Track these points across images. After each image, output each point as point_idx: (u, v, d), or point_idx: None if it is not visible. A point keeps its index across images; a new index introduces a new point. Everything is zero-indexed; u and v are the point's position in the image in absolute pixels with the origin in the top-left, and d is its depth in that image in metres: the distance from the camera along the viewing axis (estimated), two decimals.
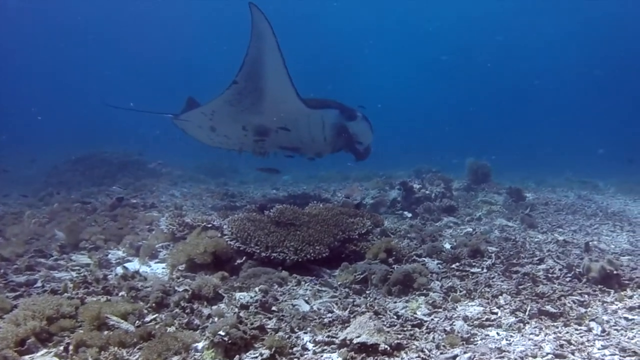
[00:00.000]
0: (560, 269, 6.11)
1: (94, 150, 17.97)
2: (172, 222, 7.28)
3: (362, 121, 10.65)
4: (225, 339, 3.71)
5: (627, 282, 5.64)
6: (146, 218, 8.94)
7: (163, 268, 6.19)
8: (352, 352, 3.74)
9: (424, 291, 5.30)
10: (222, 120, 9.93)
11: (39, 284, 5.44)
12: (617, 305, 5.03)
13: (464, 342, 4.09)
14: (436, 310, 4.83)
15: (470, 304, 5.03)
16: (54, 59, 60.37)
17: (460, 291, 5.37)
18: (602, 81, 53.65)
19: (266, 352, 3.69)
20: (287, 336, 4.05)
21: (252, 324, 4.10)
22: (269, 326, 4.24)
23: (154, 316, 4.48)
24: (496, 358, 3.80)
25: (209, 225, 7.03)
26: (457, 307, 4.93)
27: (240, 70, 8.50)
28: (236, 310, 4.56)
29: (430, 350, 3.88)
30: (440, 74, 64.52)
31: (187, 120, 10.38)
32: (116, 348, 3.75)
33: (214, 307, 4.66)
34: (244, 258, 6.07)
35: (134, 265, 6.31)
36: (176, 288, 5.07)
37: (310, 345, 3.93)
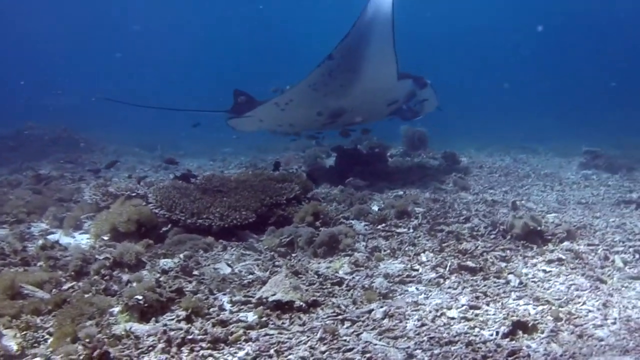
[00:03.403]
0: (485, 227, 6.29)
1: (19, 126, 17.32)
2: (96, 192, 7.11)
3: (430, 88, 10.74)
4: (141, 302, 3.68)
5: (549, 237, 5.85)
6: (72, 190, 8.72)
7: (87, 239, 6.07)
8: (268, 310, 3.79)
9: (349, 252, 5.37)
10: (296, 109, 9.47)
11: None
12: (537, 259, 5.23)
13: (382, 298, 4.18)
14: (358, 269, 4.92)
15: (393, 262, 5.15)
16: None
17: (385, 250, 5.48)
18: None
19: (182, 314, 3.70)
20: (204, 297, 4.07)
21: (170, 287, 4.09)
22: (187, 289, 4.24)
23: (72, 284, 4.41)
24: (412, 311, 3.92)
25: (133, 194, 6.90)
26: (379, 265, 5.03)
27: (341, 43, 7.99)
28: (157, 275, 4.53)
29: (346, 306, 3.97)
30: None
31: (251, 116, 9.91)
32: (29, 316, 3.68)
33: (135, 274, 4.60)
34: (169, 226, 6.01)
35: (57, 237, 6.16)
36: (97, 256, 4.98)
37: (227, 306, 3.95)
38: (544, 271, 4.90)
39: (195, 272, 4.70)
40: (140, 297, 3.70)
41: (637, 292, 4.39)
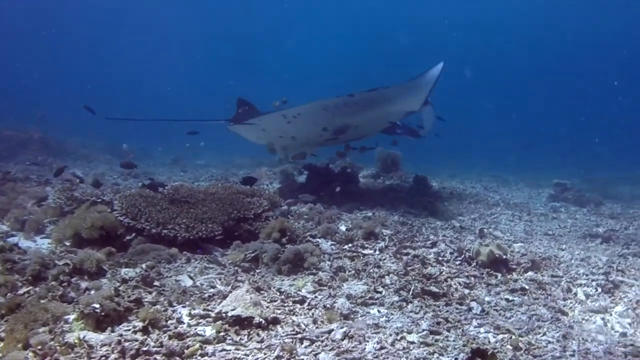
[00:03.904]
0: (451, 253, 6.32)
1: None
2: (60, 196, 6.97)
3: (430, 106, 10.81)
4: (98, 310, 3.61)
5: (514, 266, 5.94)
6: (36, 193, 8.55)
7: (49, 244, 5.93)
8: (226, 325, 3.74)
9: (314, 270, 5.35)
10: (303, 123, 9.69)
11: None
12: (501, 287, 5.27)
13: (343, 318, 4.16)
14: (321, 288, 4.90)
15: (357, 283, 5.13)
16: None
17: (349, 271, 5.47)
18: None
19: (139, 324, 3.63)
20: (163, 309, 4.00)
21: (129, 296, 4.02)
22: (146, 299, 4.17)
23: (28, 289, 4.30)
24: (372, 333, 3.90)
25: (99, 200, 6.79)
26: (343, 285, 5.01)
27: (367, 92, 8.58)
28: (117, 284, 4.45)
29: (306, 325, 3.94)
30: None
31: (255, 124, 10.00)
32: None
33: (94, 282, 4.51)
34: (133, 234, 5.92)
35: (16, 240, 6.01)
36: (56, 262, 4.87)
37: (186, 319, 3.89)
38: (507, 300, 4.95)
39: (156, 283, 4.63)
40: (97, 306, 3.62)
41: (598, 326, 4.45)
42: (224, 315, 3.79)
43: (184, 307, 4.13)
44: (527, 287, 5.28)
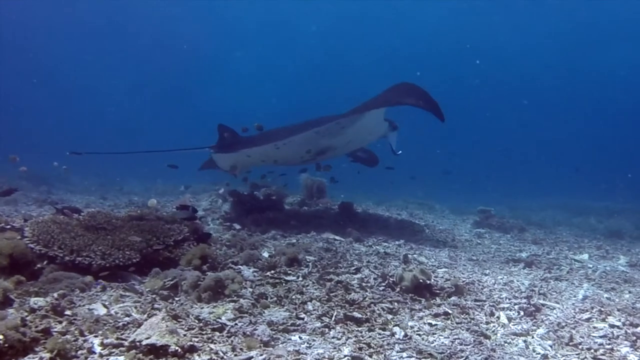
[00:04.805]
0: (375, 278, 6.35)
1: None
2: None
3: (396, 130, 11.28)
4: (1, 341, 3.40)
5: (438, 291, 6.01)
6: None
7: None
8: (141, 354, 3.60)
9: (235, 297, 5.25)
10: (292, 148, 9.79)
11: None
12: (424, 312, 5.32)
13: (262, 345, 4.09)
14: (242, 315, 4.81)
15: (279, 310, 5.07)
16: None
17: (271, 298, 5.40)
18: None
19: (47, 356, 3.45)
20: (73, 339, 3.81)
21: (36, 326, 3.82)
22: (56, 329, 3.97)
23: None
24: None
25: (8, 227, 6.48)
26: (264, 312, 4.94)
27: (353, 112, 8.93)
28: (25, 314, 4.22)
29: (225, 353, 3.85)
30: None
31: (247, 155, 10.22)
32: None
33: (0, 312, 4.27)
34: (45, 262, 5.66)
35: None
36: None
37: (97, 349, 3.72)
38: (430, 324, 5.00)
39: (68, 312, 4.42)
40: (0, 337, 3.42)
41: (519, 349, 4.55)
42: (137, 344, 3.65)
43: (96, 336, 3.95)
44: (450, 311, 5.36)
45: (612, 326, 5.17)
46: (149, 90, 63.35)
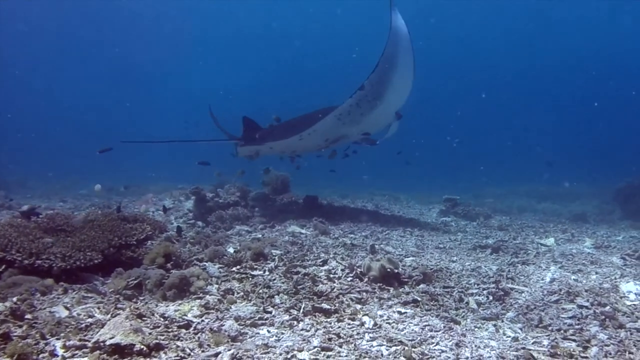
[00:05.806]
0: (342, 269, 6.33)
1: None
2: None
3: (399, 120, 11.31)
4: None
5: (406, 279, 6.04)
6: None
7: None
8: (105, 355, 3.52)
9: (200, 294, 5.19)
10: (314, 137, 9.89)
11: None
12: (393, 301, 5.32)
13: (230, 341, 4.04)
14: (208, 311, 4.77)
15: (246, 305, 5.03)
16: None
17: (238, 293, 5.35)
18: None
19: None
20: (35, 342, 3.71)
21: None
22: (16, 334, 3.85)
23: None
24: (261, 354, 3.80)
25: None
26: (231, 308, 4.89)
27: (372, 73, 8.61)
28: None
29: (192, 350, 3.79)
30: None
31: (270, 147, 10.40)
32: None
33: None
34: (3, 267, 5.49)
35: None
36: None
37: (60, 351, 3.63)
38: (399, 312, 5.00)
39: (28, 316, 4.30)
40: None
41: (489, 333, 4.59)
42: (101, 344, 3.56)
43: (58, 339, 3.85)
44: (419, 299, 5.39)
45: (580, 307, 5.27)
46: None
